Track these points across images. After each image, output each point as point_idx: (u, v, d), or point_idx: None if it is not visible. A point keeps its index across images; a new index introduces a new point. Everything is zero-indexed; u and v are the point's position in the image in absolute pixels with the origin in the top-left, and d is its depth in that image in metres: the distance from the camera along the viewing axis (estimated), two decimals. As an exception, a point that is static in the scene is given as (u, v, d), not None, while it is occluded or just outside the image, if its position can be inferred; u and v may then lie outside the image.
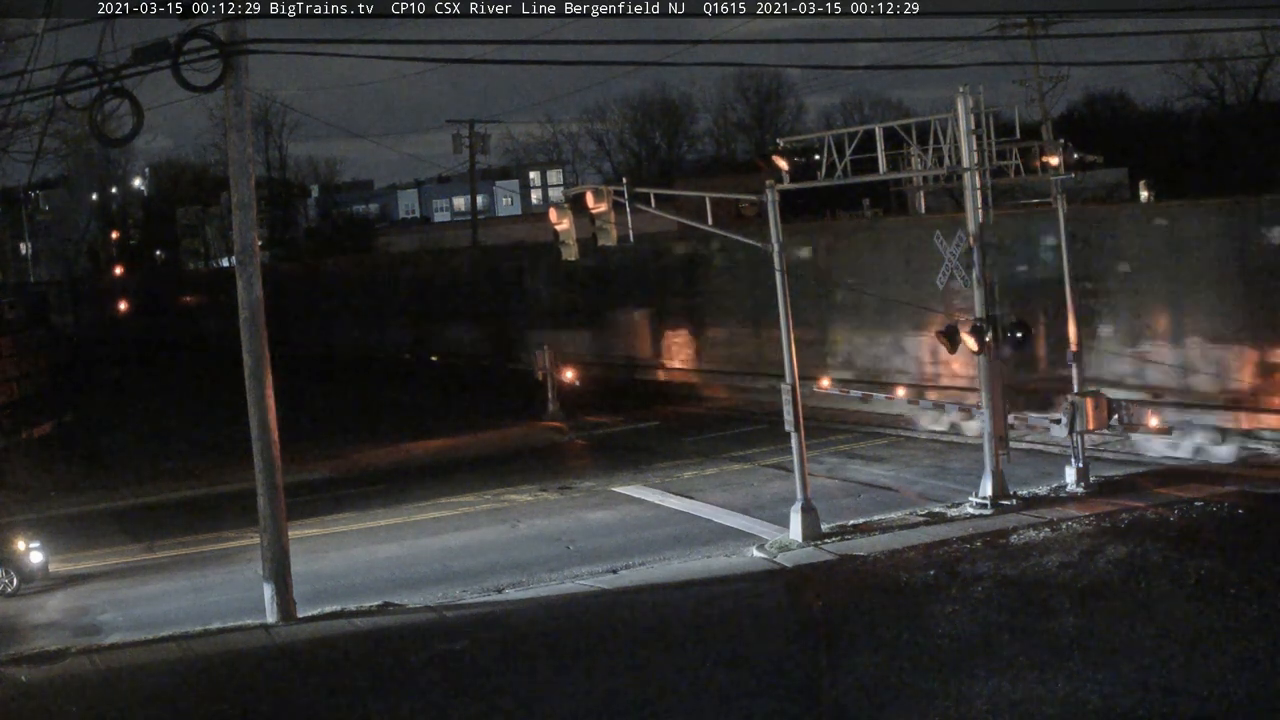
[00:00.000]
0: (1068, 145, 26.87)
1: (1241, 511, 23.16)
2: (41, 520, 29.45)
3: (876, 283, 35.17)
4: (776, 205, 24.20)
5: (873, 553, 22.60)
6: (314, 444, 37.41)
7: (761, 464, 31.04)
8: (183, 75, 19.96)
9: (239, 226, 21.43)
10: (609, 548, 24.41)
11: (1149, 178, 42.44)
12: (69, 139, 37.41)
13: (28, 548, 24.48)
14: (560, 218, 26.10)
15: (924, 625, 18.64)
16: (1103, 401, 25.79)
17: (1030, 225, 31.81)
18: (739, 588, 21.42)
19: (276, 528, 21.33)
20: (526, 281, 51.65)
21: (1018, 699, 15.70)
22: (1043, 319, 30.39)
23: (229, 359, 24.68)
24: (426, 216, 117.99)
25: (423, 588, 22.57)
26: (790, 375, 24.06)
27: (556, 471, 32.68)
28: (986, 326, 24.68)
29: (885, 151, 26.20)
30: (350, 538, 27.04)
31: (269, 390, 21.25)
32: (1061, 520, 23.48)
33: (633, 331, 45.52)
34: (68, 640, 21.04)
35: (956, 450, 30.55)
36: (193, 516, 30.37)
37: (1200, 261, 29.01)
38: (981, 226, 25.01)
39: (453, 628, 20.16)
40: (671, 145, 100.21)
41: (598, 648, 19.02)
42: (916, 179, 30.88)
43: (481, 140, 73.25)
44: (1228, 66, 73.28)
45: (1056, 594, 19.57)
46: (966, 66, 79.21)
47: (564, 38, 47.25)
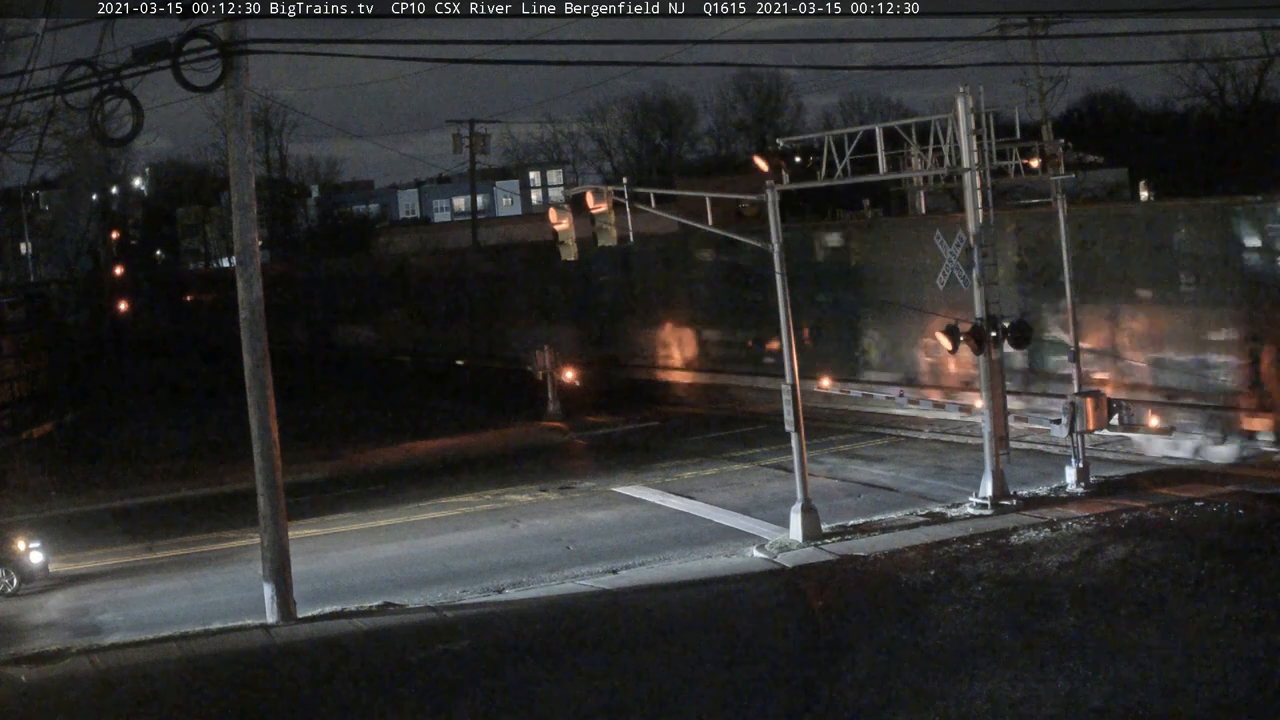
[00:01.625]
0: (1068, 145, 26.87)
1: (1241, 511, 23.15)
2: (41, 520, 29.44)
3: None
4: (776, 205, 24.20)
5: (873, 553, 22.59)
6: (314, 444, 37.43)
7: (762, 464, 31.04)
8: (183, 75, 19.97)
9: (239, 226, 21.43)
10: (609, 548, 24.41)
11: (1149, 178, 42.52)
12: (69, 139, 37.41)
13: (28, 548, 24.47)
14: (560, 218, 26.10)
15: (924, 625, 18.64)
16: (1103, 401, 25.80)
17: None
18: (739, 588, 21.42)
19: (276, 528, 21.33)
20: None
21: (1018, 699, 15.70)
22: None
23: (229, 359, 24.69)
24: (426, 216, 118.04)
25: (423, 588, 22.57)
26: (790, 375, 24.06)
27: (556, 471, 32.68)
28: (986, 326, 24.69)
29: (885, 151, 26.19)
30: (350, 538, 27.04)
31: (269, 390, 21.25)
32: (1062, 520, 23.47)
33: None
34: (68, 640, 21.04)
35: (956, 450, 30.54)
36: (193, 516, 30.37)
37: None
38: (982, 226, 25.01)
39: (453, 628, 20.16)
40: (671, 145, 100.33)
41: (598, 648, 19.02)
42: (916, 179, 30.88)
43: (481, 140, 73.30)
44: (1228, 66, 73.38)
45: (1056, 594, 19.57)
46: (966, 66, 79.47)
47: (564, 38, 47.41)
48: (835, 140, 26.14)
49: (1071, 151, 26.72)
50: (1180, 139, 73.47)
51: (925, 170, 26.86)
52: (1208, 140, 72.53)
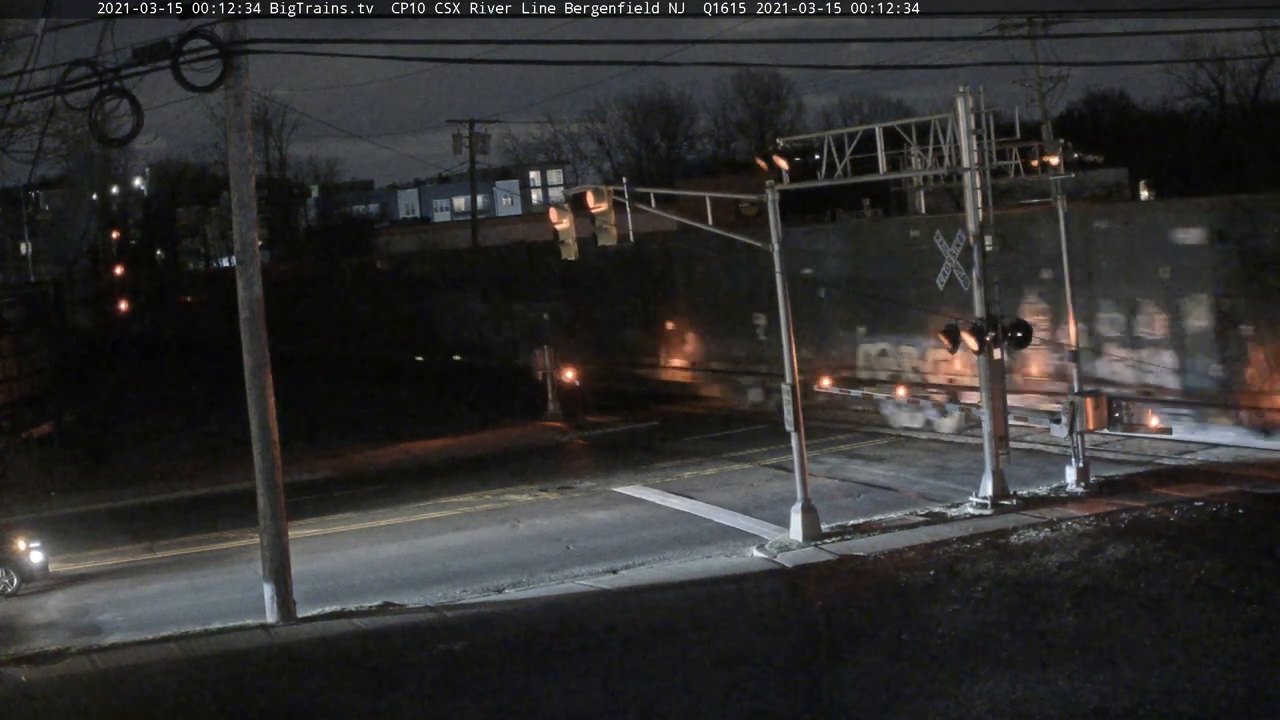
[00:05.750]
0: (1068, 145, 26.87)
1: (1241, 511, 23.15)
2: (41, 520, 29.44)
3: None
4: (777, 205, 24.20)
5: (873, 553, 22.59)
6: (314, 444, 37.42)
7: (762, 464, 31.04)
8: (183, 75, 19.96)
9: (239, 226, 21.43)
10: (609, 548, 24.41)
11: (1149, 177, 42.50)
12: (69, 139, 37.35)
13: (28, 548, 24.48)
14: (560, 217, 26.10)
15: (924, 625, 18.64)
16: (1103, 401, 25.79)
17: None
18: (739, 588, 21.42)
19: (276, 528, 21.33)
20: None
21: (1018, 699, 15.70)
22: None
23: (229, 359, 24.68)
24: (426, 216, 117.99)
25: (423, 588, 22.57)
26: (790, 375, 24.07)
27: (556, 471, 32.68)
28: (986, 326, 24.68)
29: (885, 151, 26.20)
30: (350, 538, 27.04)
31: (269, 390, 21.25)
32: (1061, 520, 23.47)
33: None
34: (68, 640, 21.04)
35: (956, 450, 30.54)
36: (193, 516, 30.38)
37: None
38: (982, 226, 25.00)
39: (453, 628, 20.16)
40: (671, 145, 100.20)
41: (598, 648, 19.01)
42: (916, 179, 30.91)
43: (481, 140, 73.23)
44: (1228, 66, 73.37)
45: (1056, 594, 19.57)
46: (966, 66, 79.32)
47: (564, 38, 47.38)
48: (835, 140, 26.15)
49: (1071, 151, 26.69)
50: (1180, 139, 73.43)
51: (925, 170, 26.85)
52: (1208, 140, 72.52)
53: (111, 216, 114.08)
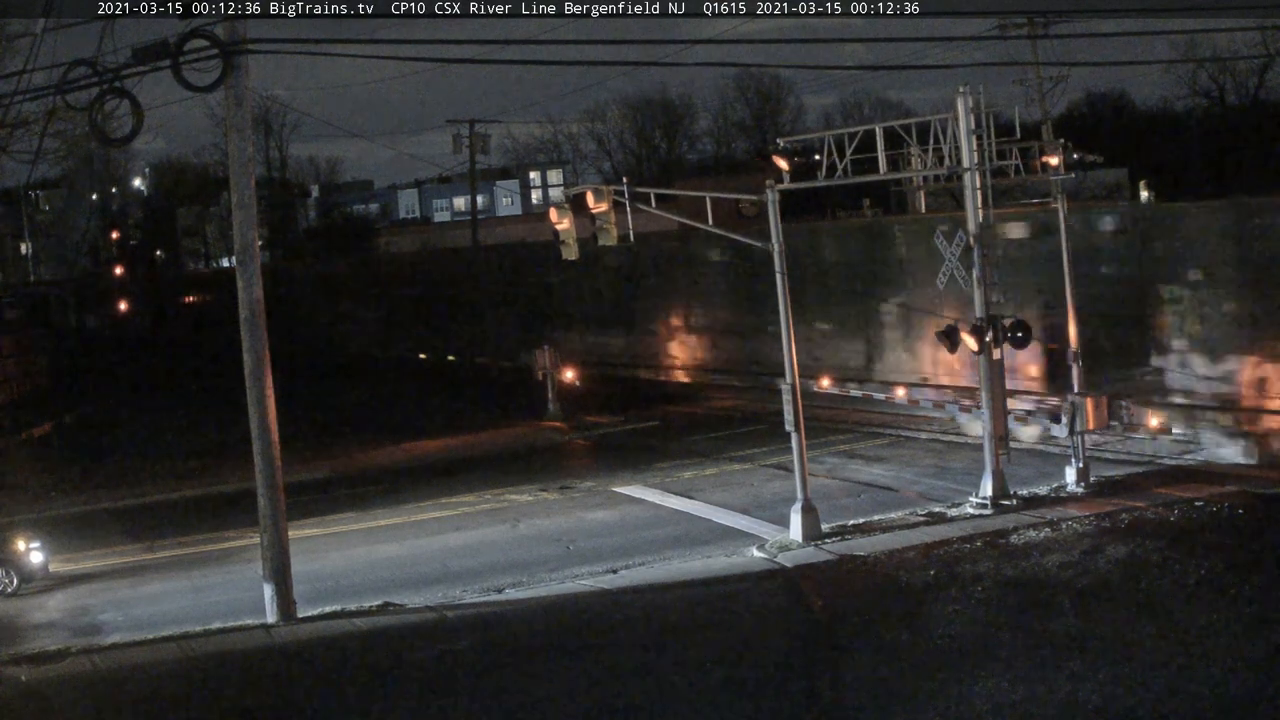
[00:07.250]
0: (1068, 145, 26.86)
1: (1241, 511, 23.15)
2: (41, 520, 29.43)
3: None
4: (777, 205, 24.20)
5: (873, 553, 22.58)
6: (314, 444, 37.40)
7: (762, 464, 31.03)
8: (183, 75, 19.95)
9: (239, 226, 21.43)
10: (609, 548, 24.40)
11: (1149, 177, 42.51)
12: (69, 139, 37.36)
13: (28, 548, 24.47)
14: (560, 217, 26.10)
15: (924, 625, 18.64)
16: (1103, 401, 25.79)
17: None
18: (739, 588, 21.41)
19: (276, 528, 21.32)
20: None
21: (1018, 699, 15.70)
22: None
23: (229, 359, 24.68)
24: (426, 216, 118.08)
25: (423, 588, 22.56)
26: (790, 375, 24.06)
27: (556, 471, 32.67)
28: (986, 326, 24.67)
29: (885, 151, 26.19)
30: (350, 538, 27.03)
31: (269, 390, 21.24)
32: (1062, 520, 23.47)
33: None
34: (68, 640, 21.03)
35: (957, 450, 30.54)
36: (193, 516, 30.35)
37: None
38: (982, 226, 25.00)
39: (453, 628, 20.15)
40: (671, 145, 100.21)
41: (598, 648, 19.01)
42: (917, 179, 30.88)
43: (481, 140, 73.05)
44: (1228, 66, 73.38)
45: (1056, 594, 19.57)
46: (966, 66, 79.26)
47: (564, 38, 47.39)
48: (835, 140, 26.14)
49: (1071, 151, 26.67)
50: (1180, 139, 73.47)
51: (925, 170, 26.84)
52: (1208, 140, 72.55)
53: (111, 216, 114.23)
